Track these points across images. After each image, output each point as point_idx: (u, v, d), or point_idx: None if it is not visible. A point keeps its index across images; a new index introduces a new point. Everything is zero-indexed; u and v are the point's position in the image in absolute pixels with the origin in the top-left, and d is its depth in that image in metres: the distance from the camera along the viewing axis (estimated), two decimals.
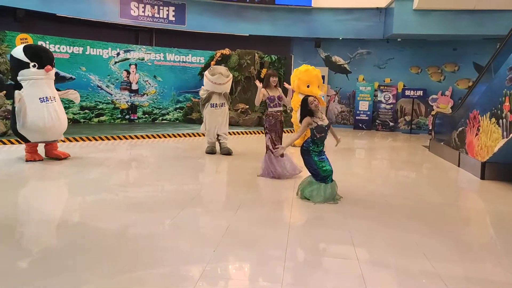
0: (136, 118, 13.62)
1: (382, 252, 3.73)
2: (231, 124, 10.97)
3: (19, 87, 6.92)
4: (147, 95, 13.77)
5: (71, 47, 12.28)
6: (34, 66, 6.90)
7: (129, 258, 3.38)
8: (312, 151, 5.28)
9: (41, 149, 7.41)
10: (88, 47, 12.60)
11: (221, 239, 3.83)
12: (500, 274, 3.40)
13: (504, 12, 12.32)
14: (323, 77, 15.63)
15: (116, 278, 3.03)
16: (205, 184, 6.47)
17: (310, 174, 5.42)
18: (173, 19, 14.08)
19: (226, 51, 13.98)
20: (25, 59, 6.87)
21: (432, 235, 4.22)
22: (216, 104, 8.40)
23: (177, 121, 14.21)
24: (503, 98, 6.68)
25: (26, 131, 6.96)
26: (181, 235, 3.99)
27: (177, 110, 14.34)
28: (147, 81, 13.71)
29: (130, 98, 13.46)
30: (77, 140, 9.67)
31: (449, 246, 3.96)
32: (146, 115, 13.82)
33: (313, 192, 5.25)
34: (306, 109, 5.25)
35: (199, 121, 13.62)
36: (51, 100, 7.06)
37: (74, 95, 7.88)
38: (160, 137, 10.87)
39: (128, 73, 13.35)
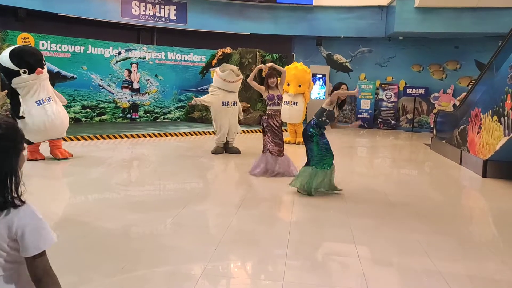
0: (137, 117, 13.62)
1: (383, 251, 3.72)
2: None
3: (16, 93, 6.85)
4: (148, 94, 13.77)
5: (73, 46, 12.27)
6: (24, 72, 6.67)
7: (131, 257, 3.38)
8: (316, 135, 5.37)
9: (43, 148, 7.41)
10: (89, 46, 12.60)
11: (223, 237, 3.83)
12: (503, 273, 3.39)
13: (506, 10, 12.28)
14: (324, 75, 15.73)
15: (118, 277, 3.03)
16: (206, 183, 6.48)
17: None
18: (174, 18, 14.07)
19: (228, 49, 13.98)
20: (14, 67, 6.63)
21: (434, 233, 4.22)
22: (228, 102, 8.20)
23: (179, 120, 14.21)
24: (505, 96, 6.66)
25: (28, 134, 6.95)
26: (182, 234, 3.99)
27: (179, 109, 14.34)
28: (148, 80, 13.71)
29: (132, 97, 13.46)
30: (78, 139, 9.68)
31: (451, 244, 3.95)
32: (148, 114, 13.83)
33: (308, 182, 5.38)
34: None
35: (201, 119, 13.67)
36: (48, 101, 6.98)
37: (61, 99, 7.54)
38: (161, 136, 10.88)
39: (130, 72, 13.35)
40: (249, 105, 13.89)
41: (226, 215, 4.56)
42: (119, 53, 13.12)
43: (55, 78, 11.36)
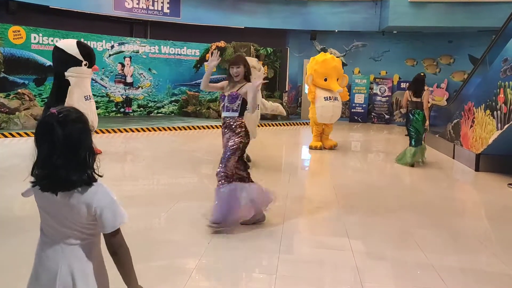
0: (131, 111, 13.55)
1: (376, 244, 3.74)
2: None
3: (66, 82, 6.91)
4: (142, 88, 13.69)
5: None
6: (85, 64, 7.04)
7: None
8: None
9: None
10: (82, 39, 12.44)
11: (216, 232, 3.83)
12: (494, 265, 3.42)
13: (499, 4, 12.31)
14: None
15: (111, 271, 3.02)
16: (200, 177, 6.46)
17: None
18: (168, 11, 13.97)
19: (222, 43, 13.91)
20: (80, 57, 6.97)
21: (427, 227, 4.24)
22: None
23: (173, 114, 14.15)
24: (498, 90, 6.69)
25: None
26: (176, 228, 3.99)
27: (173, 103, 14.28)
28: (141, 74, 13.63)
29: (125, 91, 13.38)
30: None
31: (443, 238, 3.98)
32: (141, 108, 13.76)
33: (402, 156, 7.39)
34: (423, 86, 7.18)
35: (195, 114, 13.62)
36: (91, 98, 7.32)
37: None
38: (155, 130, 10.83)
39: (123, 66, 13.27)
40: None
41: None
42: (112, 46, 13.02)
43: (47, 72, 11.25)
